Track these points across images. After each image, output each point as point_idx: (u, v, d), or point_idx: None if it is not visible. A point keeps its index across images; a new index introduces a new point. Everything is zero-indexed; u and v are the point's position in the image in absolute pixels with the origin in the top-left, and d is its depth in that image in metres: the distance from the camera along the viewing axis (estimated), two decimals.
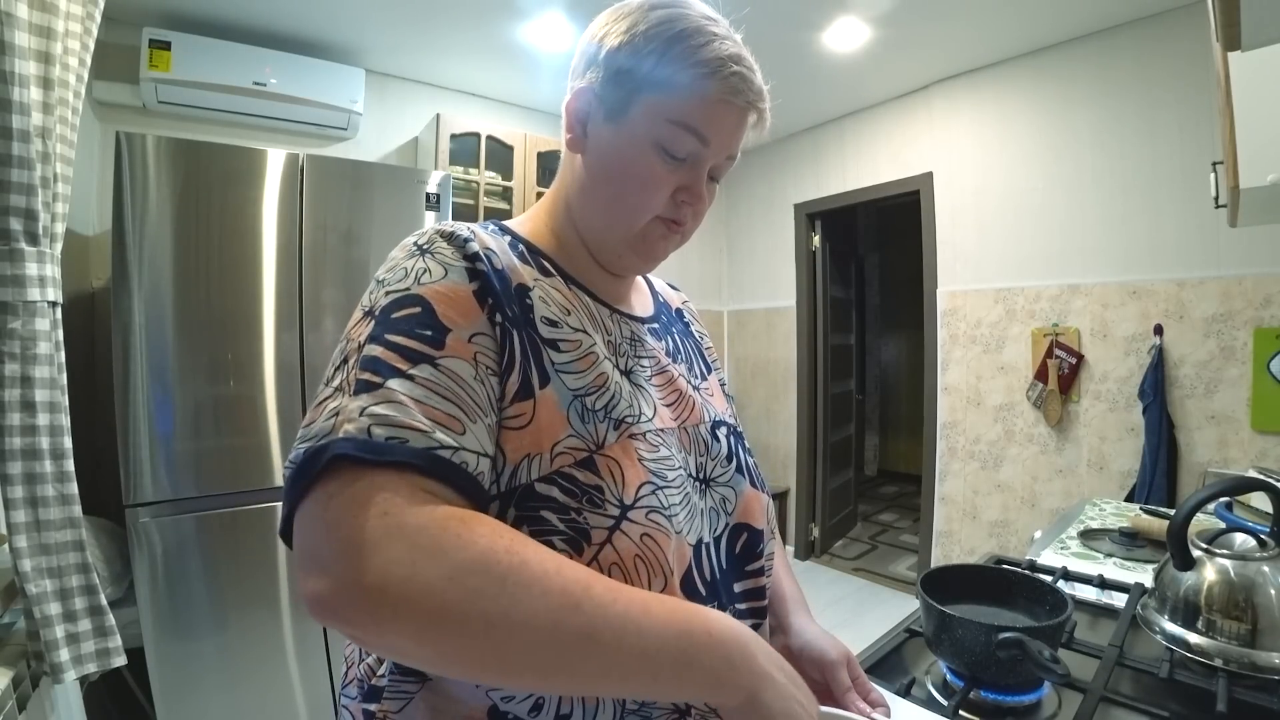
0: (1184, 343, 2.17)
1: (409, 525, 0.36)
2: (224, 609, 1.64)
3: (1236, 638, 0.69)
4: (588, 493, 0.45)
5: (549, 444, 0.46)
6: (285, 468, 0.40)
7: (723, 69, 0.50)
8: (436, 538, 0.36)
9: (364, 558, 0.34)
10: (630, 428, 0.51)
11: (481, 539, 0.37)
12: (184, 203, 1.60)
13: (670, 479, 0.51)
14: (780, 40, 2.41)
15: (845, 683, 0.58)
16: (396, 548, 0.35)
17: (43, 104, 1.04)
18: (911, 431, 5.18)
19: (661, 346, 0.62)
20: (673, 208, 0.54)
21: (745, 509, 0.58)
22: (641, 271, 0.62)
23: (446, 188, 2.03)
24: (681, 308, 0.75)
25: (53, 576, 1.08)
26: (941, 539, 2.93)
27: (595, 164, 0.55)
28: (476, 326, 0.46)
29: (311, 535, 0.37)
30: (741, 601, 0.56)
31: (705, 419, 0.60)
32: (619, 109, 0.53)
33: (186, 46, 2.12)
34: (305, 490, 0.38)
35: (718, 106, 0.51)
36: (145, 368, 1.55)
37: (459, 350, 0.44)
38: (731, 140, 0.54)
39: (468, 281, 0.47)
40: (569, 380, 0.49)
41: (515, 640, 0.35)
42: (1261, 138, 1.06)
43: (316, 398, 0.43)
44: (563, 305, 0.53)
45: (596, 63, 0.54)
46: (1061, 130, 2.49)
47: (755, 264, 3.86)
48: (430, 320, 0.44)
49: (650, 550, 0.47)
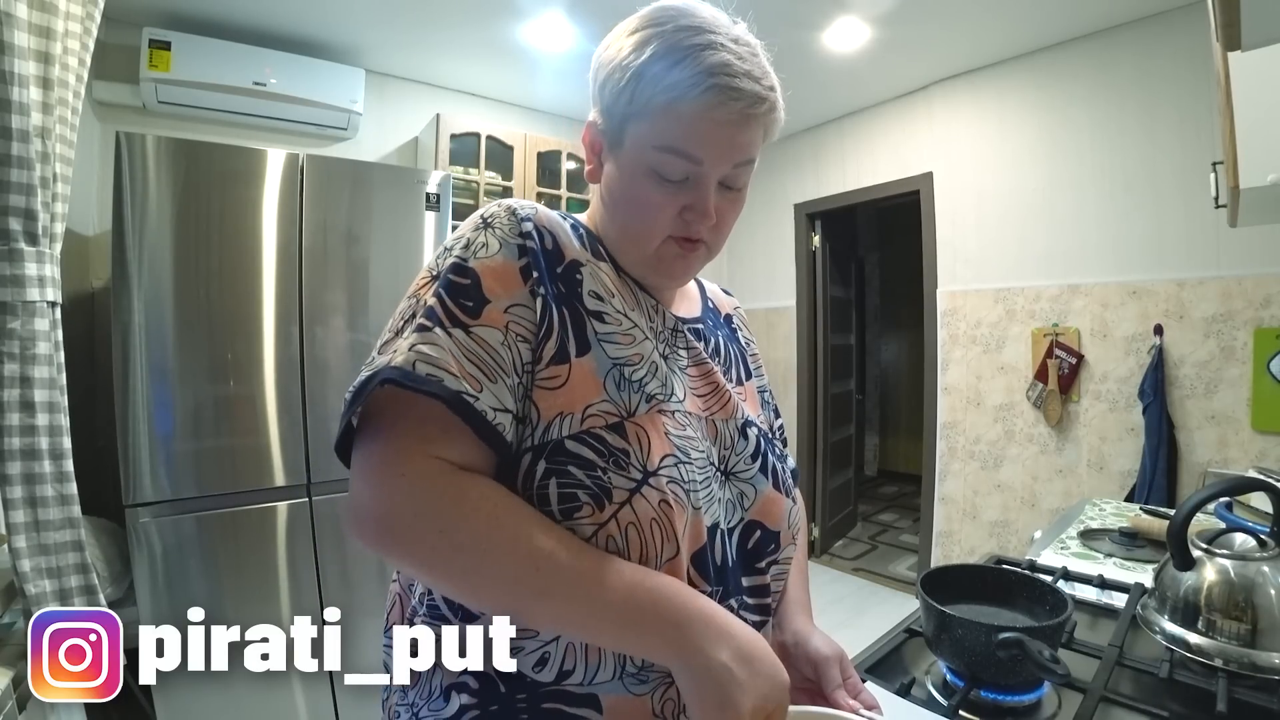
0: (1184, 343, 2.17)
1: (422, 474, 0.45)
2: (224, 609, 1.64)
3: (1236, 638, 0.69)
4: (614, 454, 0.48)
5: (581, 405, 0.49)
6: (346, 393, 0.48)
7: (697, 85, 0.49)
8: (438, 494, 0.44)
9: (380, 499, 0.45)
10: (660, 403, 0.53)
11: (469, 501, 0.45)
12: (184, 203, 1.60)
13: (693, 457, 0.53)
14: (780, 40, 2.39)
15: (836, 680, 0.58)
16: (407, 499, 0.44)
17: (42, 104, 1.04)
18: (911, 431, 5.18)
19: (702, 345, 0.63)
20: (682, 226, 0.55)
21: (763, 509, 0.59)
22: (671, 287, 0.63)
23: (446, 188, 2.03)
24: (731, 314, 0.76)
25: (52, 577, 1.08)
26: (941, 539, 2.92)
27: (606, 195, 0.57)
28: (516, 298, 0.50)
29: (355, 468, 0.47)
30: (749, 596, 0.57)
31: (736, 416, 0.60)
32: (616, 141, 0.55)
33: (186, 46, 2.12)
34: (360, 417, 0.48)
35: (700, 124, 0.50)
36: (145, 368, 1.55)
37: (493, 319, 0.49)
38: (731, 151, 0.52)
39: (517, 257, 0.52)
40: (610, 349, 0.52)
41: (486, 587, 0.46)
42: (1261, 138, 1.06)
43: (382, 341, 0.50)
44: (608, 287, 0.55)
45: (595, 95, 0.57)
46: (1061, 130, 2.49)
47: (755, 264, 3.86)
48: (475, 292, 0.49)
49: (666, 516, 0.49)
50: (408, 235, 1.92)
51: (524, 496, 0.47)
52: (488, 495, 0.46)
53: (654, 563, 0.48)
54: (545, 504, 0.47)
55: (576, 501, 0.47)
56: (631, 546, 0.48)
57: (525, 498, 0.47)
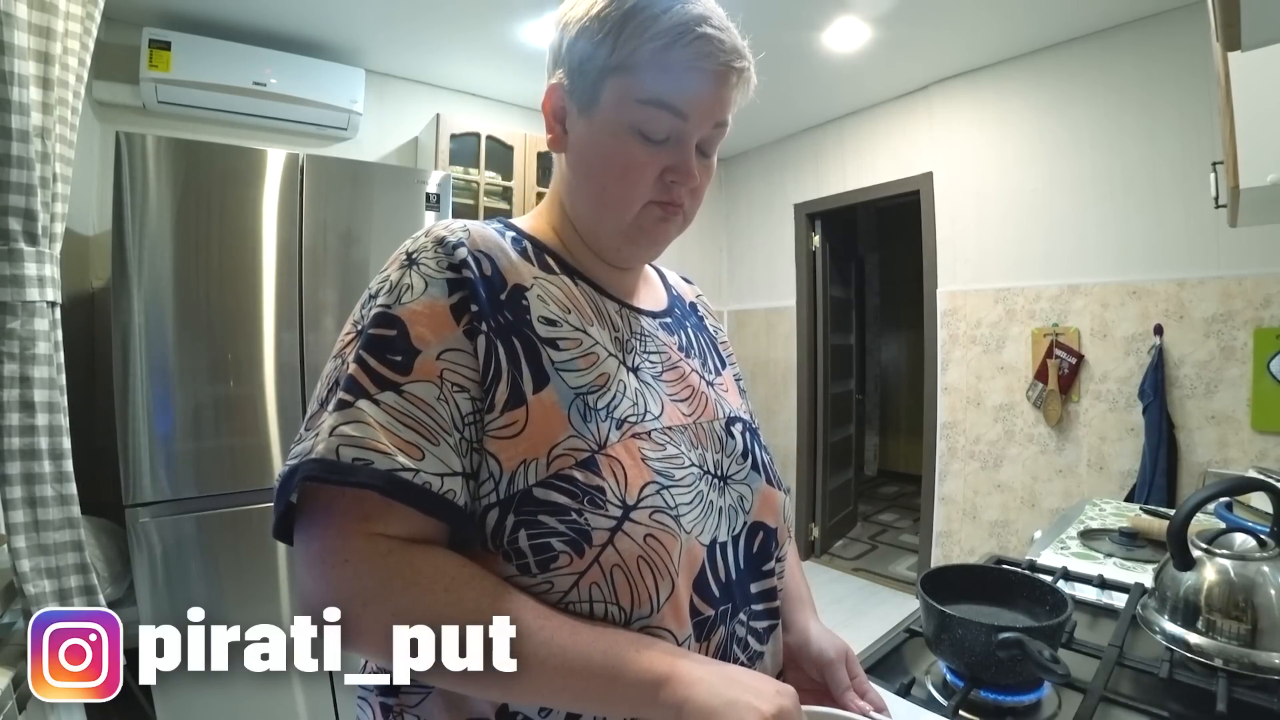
0: (1184, 343, 2.17)
1: (365, 556, 0.42)
2: (224, 609, 1.64)
3: (1236, 638, 0.69)
4: (589, 493, 0.45)
5: (545, 448, 0.45)
6: (274, 482, 0.45)
7: (685, 34, 0.47)
8: (387, 576, 0.42)
9: (326, 593, 0.42)
10: (634, 427, 0.49)
11: (423, 578, 0.42)
12: (184, 203, 1.60)
13: (678, 478, 0.50)
14: (780, 40, 2.41)
15: (844, 682, 0.57)
16: (353, 587, 0.41)
17: (42, 104, 1.04)
18: (911, 431, 5.18)
19: (674, 341, 0.61)
20: (664, 189, 0.52)
21: (762, 506, 0.58)
22: (645, 260, 0.60)
23: (446, 188, 2.03)
24: (695, 301, 0.74)
25: (51, 577, 1.08)
26: (941, 539, 2.92)
27: (577, 160, 0.53)
28: (449, 343, 0.46)
29: (297, 557, 0.44)
30: (758, 603, 0.55)
31: (720, 415, 0.59)
32: (589, 100, 0.51)
33: (186, 46, 2.12)
34: (290, 507, 0.45)
35: (688, 75, 0.48)
36: (145, 368, 1.55)
37: (426, 372, 0.45)
38: (713, 108, 0.51)
39: (447, 295, 0.47)
40: (570, 379, 0.49)
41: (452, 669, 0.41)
42: (1261, 138, 1.06)
43: (310, 413, 0.47)
44: (563, 303, 0.52)
45: (561, 56, 0.53)
46: (1061, 130, 2.48)
47: (755, 264, 3.86)
48: (403, 344, 0.45)
49: (655, 551, 0.46)
50: (408, 235, 1.91)
51: (496, 552, 0.45)
52: (442, 569, 0.42)
53: (648, 604, 0.45)
54: (520, 557, 0.44)
55: (551, 551, 0.44)
56: (620, 591, 0.45)
57: (499, 555, 0.44)
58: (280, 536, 0.47)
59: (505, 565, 0.45)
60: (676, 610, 0.47)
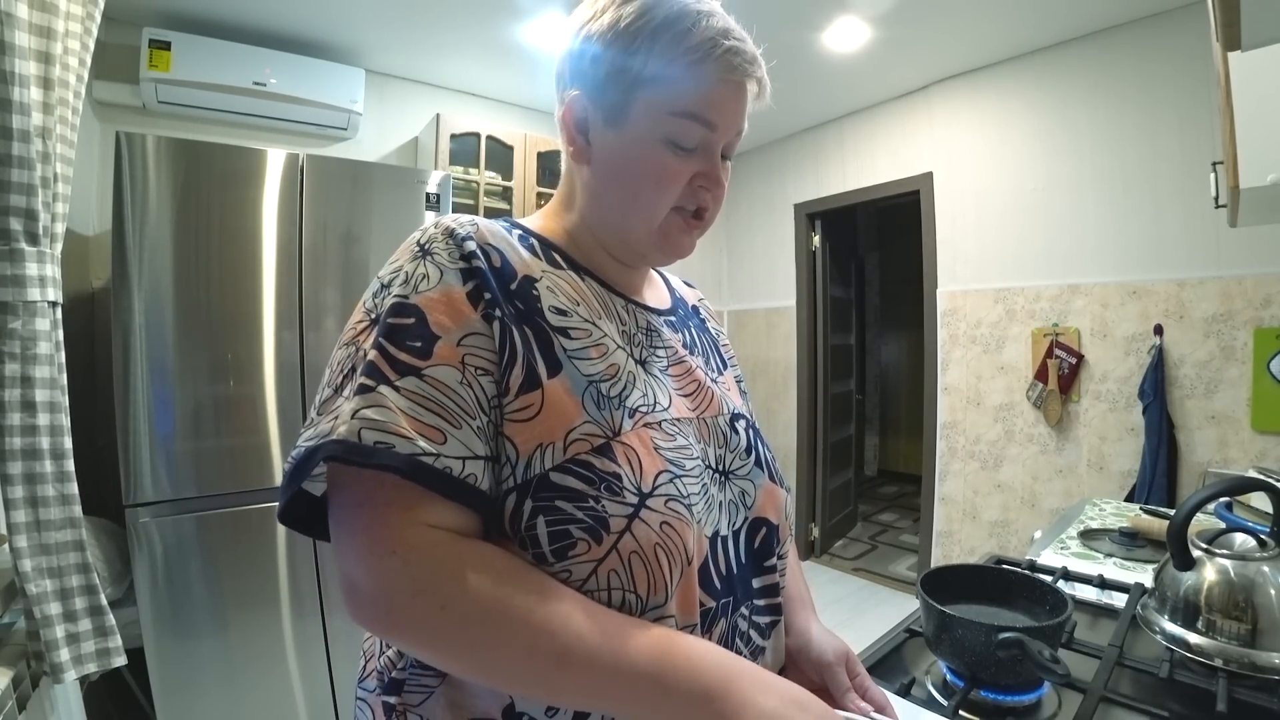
0: (1184, 343, 2.17)
1: (414, 547, 0.41)
2: (224, 609, 1.64)
3: (1236, 638, 0.69)
4: (605, 480, 0.45)
5: (562, 432, 0.45)
6: (286, 463, 0.44)
7: (715, 49, 0.50)
8: (435, 567, 0.41)
9: (374, 582, 0.41)
10: (645, 416, 0.50)
11: (470, 571, 0.41)
12: (184, 203, 1.60)
13: (688, 468, 0.50)
14: (780, 40, 2.41)
15: (844, 683, 0.57)
16: (402, 577, 0.41)
17: (43, 104, 1.04)
18: (911, 431, 5.18)
19: (678, 339, 0.61)
20: (691, 195, 0.54)
21: (764, 503, 0.58)
22: (665, 264, 0.62)
23: (446, 188, 2.03)
24: (697, 304, 0.75)
25: (53, 576, 1.08)
26: (941, 539, 2.93)
27: (604, 171, 0.54)
28: (468, 328, 0.46)
29: (340, 547, 0.44)
30: (760, 598, 0.56)
31: (724, 411, 0.59)
32: (619, 113, 0.52)
33: (186, 46, 2.12)
34: (328, 485, 0.45)
35: (718, 88, 0.51)
36: (145, 368, 1.55)
37: (446, 357, 0.44)
38: (738, 117, 0.54)
39: (462, 283, 0.48)
40: (582, 366, 0.49)
41: (498, 661, 0.41)
42: (1261, 138, 1.06)
43: (321, 398, 0.46)
44: (572, 296, 0.53)
45: (583, 67, 0.53)
46: (1061, 130, 2.49)
47: (755, 264, 3.86)
48: (422, 330, 0.45)
49: (670, 538, 0.46)
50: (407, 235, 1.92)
51: (514, 540, 0.44)
52: (490, 562, 0.42)
53: (663, 591, 0.46)
54: (536, 545, 0.44)
55: (570, 539, 0.44)
56: (637, 578, 0.45)
57: (516, 541, 0.44)
58: (286, 521, 0.47)
59: (521, 553, 0.44)
60: (687, 599, 0.48)
